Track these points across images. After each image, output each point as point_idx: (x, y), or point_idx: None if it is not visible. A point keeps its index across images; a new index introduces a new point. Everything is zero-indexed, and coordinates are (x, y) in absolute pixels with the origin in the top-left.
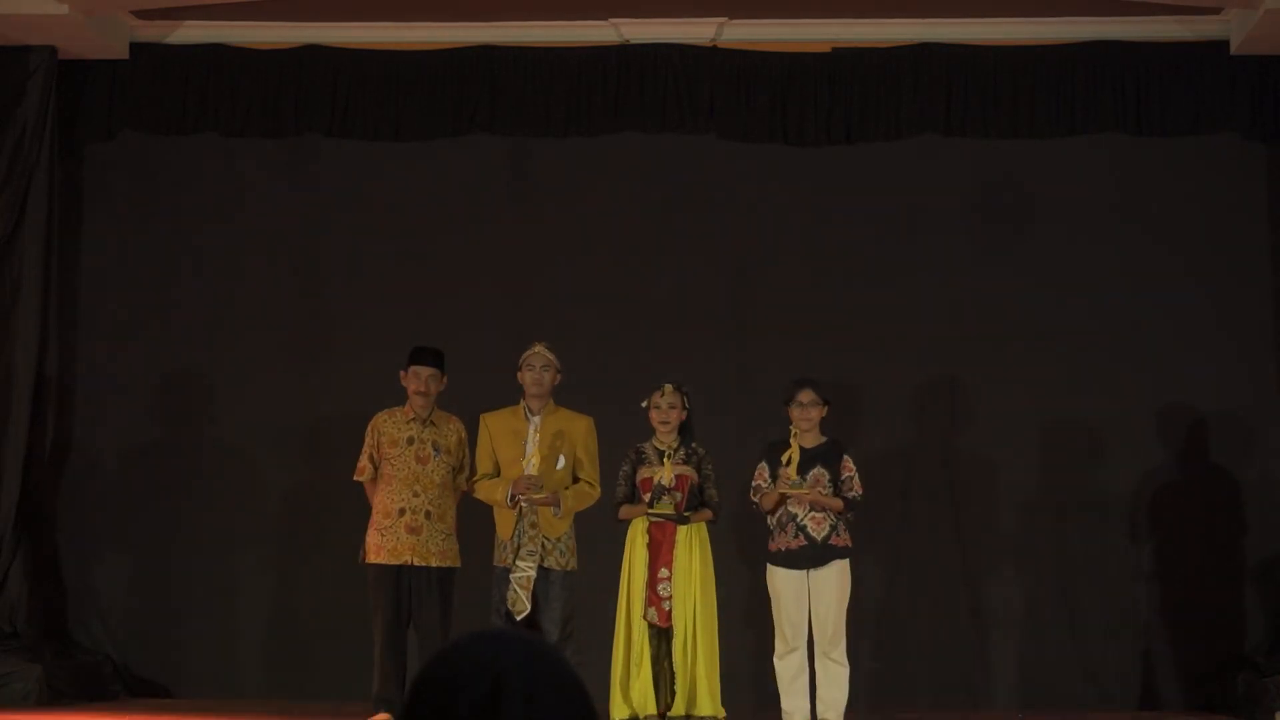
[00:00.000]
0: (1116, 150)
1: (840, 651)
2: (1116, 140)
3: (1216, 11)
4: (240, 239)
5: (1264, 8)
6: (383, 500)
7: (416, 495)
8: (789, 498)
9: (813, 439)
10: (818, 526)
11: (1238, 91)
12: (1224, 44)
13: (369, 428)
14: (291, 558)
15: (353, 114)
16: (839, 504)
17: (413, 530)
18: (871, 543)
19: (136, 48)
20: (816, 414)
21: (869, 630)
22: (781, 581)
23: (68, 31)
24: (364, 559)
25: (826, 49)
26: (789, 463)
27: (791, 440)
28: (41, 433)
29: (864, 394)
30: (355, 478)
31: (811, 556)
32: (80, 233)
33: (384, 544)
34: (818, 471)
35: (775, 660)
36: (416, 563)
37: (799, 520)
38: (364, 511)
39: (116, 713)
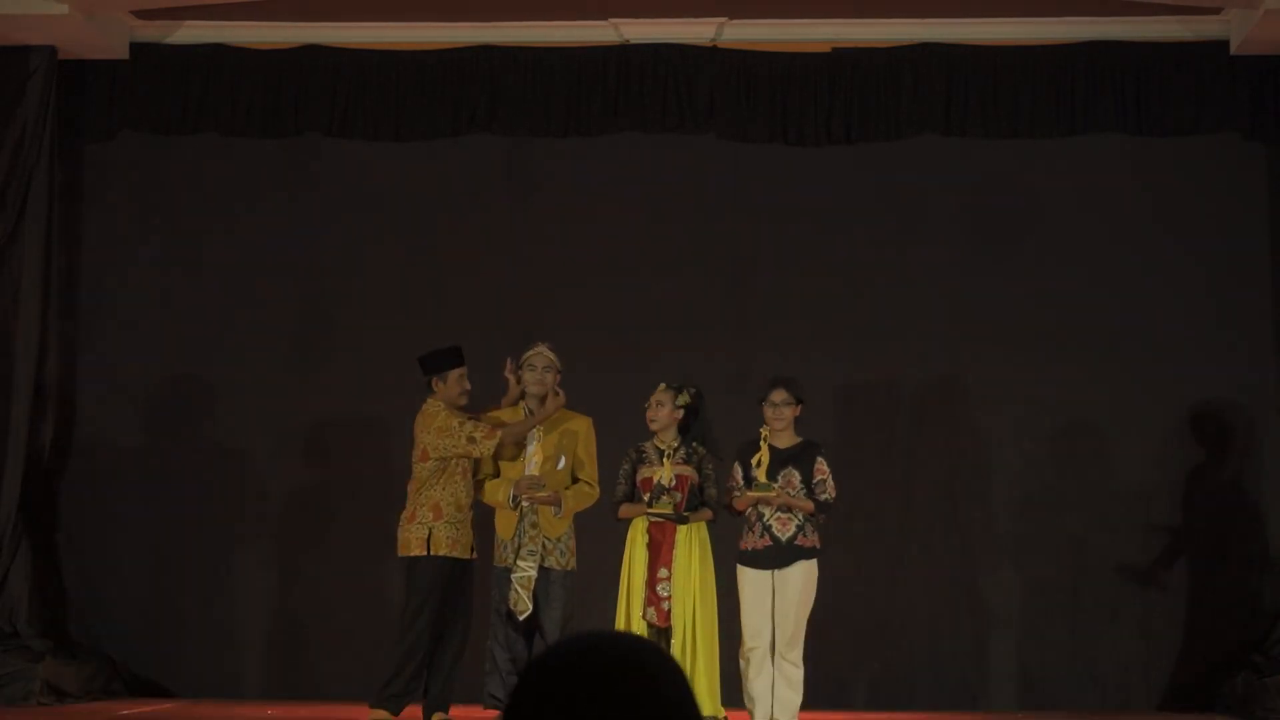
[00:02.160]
0: (1116, 150)
1: (797, 654)
2: (1116, 140)
3: (1216, 11)
4: (240, 239)
5: (1264, 8)
6: (455, 495)
7: (472, 492)
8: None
9: (787, 439)
10: (783, 527)
11: (1238, 91)
12: (1224, 44)
13: (457, 417)
14: (291, 557)
15: (353, 114)
16: (809, 505)
17: (472, 525)
18: (871, 543)
19: (136, 48)
20: (789, 413)
21: (868, 630)
22: (746, 581)
23: (68, 31)
24: (426, 551)
25: (826, 49)
26: (759, 464)
27: (762, 443)
28: (41, 433)
29: (864, 394)
30: (494, 443)
31: (776, 557)
32: (80, 233)
33: (458, 538)
34: (788, 472)
35: (740, 658)
36: (475, 556)
37: (765, 520)
38: (364, 511)
39: (116, 713)
